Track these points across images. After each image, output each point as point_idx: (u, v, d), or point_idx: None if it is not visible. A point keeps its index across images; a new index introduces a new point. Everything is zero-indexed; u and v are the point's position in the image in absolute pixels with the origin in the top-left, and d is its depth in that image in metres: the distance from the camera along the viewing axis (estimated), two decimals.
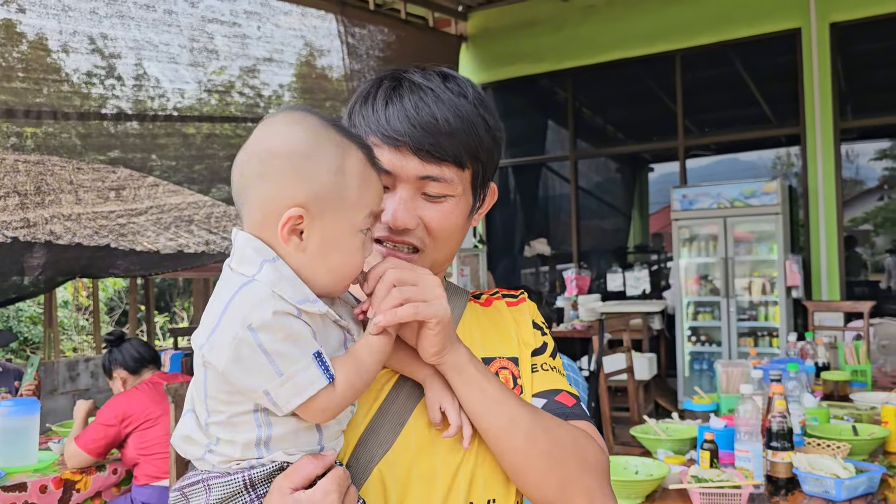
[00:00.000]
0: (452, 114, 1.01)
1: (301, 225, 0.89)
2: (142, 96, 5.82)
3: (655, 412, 7.05)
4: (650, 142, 8.96)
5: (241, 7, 6.34)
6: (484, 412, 0.99)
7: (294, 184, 0.89)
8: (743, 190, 6.81)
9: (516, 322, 1.17)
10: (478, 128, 1.03)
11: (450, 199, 1.03)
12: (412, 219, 1.02)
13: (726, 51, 7.67)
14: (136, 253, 5.47)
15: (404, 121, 1.00)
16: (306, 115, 0.93)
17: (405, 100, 1.02)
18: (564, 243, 8.84)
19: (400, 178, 1.01)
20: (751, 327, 6.97)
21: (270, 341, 0.82)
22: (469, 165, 1.04)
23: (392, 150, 1.01)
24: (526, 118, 9.39)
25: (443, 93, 1.03)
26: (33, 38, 5.12)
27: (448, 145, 1.00)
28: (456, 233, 1.07)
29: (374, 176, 0.93)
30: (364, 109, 1.05)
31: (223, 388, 0.87)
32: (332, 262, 0.91)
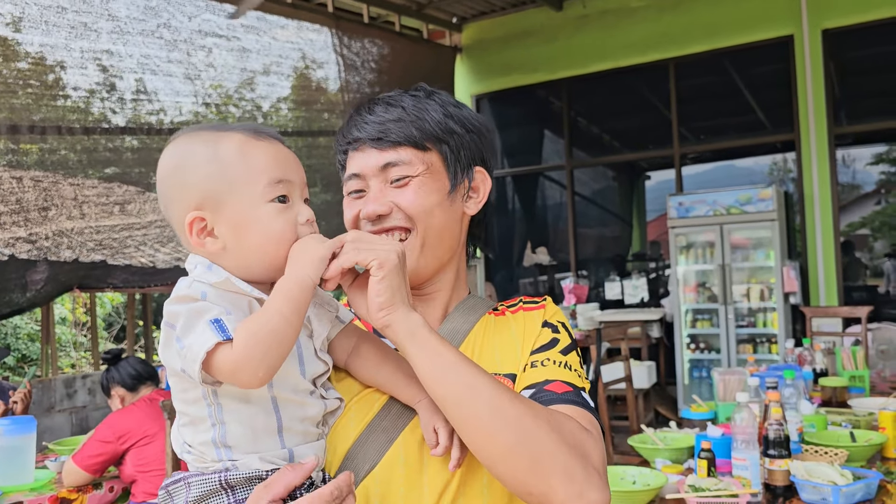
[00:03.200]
0: (402, 105, 1.11)
1: (205, 225, 0.93)
2: (140, 111, 5.84)
3: (655, 420, 7.04)
4: (646, 150, 8.99)
5: (238, 21, 6.37)
6: (439, 377, 0.94)
7: (181, 194, 0.94)
8: (739, 197, 6.82)
9: (524, 328, 1.15)
10: (431, 112, 1.12)
11: (413, 179, 1.09)
12: (382, 205, 1.08)
13: (720, 59, 7.70)
14: (132, 267, 5.47)
15: (360, 125, 1.12)
16: (182, 133, 0.97)
17: (362, 112, 1.13)
18: (562, 252, 8.84)
19: (367, 175, 1.10)
20: (749, 334, 6.97)
21: (179, 325, 0.86)
22: (430, 147, 1.11)
23: (356, 153, 1.12)
24: (522, 128, 9.41)
25: (398, 96, 1.14)
26: (33, 54, 5.14)
27: (397, 129, 1.09)
28: (434, 210, 1.10)
29: (261, 146, 0.95)
30: (337, 139, 1.17)
31: (176, 385, 0.92)
32: (252, 241, 0.93)
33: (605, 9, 8.00)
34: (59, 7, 5.11)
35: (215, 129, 0.96)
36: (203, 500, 0.90)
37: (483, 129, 1.18)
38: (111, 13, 5.41)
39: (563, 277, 8.42)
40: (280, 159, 0.95)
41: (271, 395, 0.92)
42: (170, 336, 0.87)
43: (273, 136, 0.97)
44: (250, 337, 0.84)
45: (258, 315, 0.87)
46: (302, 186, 0.97)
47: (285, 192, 0.94)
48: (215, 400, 0.90)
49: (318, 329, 0.99)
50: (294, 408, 0.94)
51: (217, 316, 0.85)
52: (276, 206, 0.93)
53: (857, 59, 7.59)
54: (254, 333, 0.84)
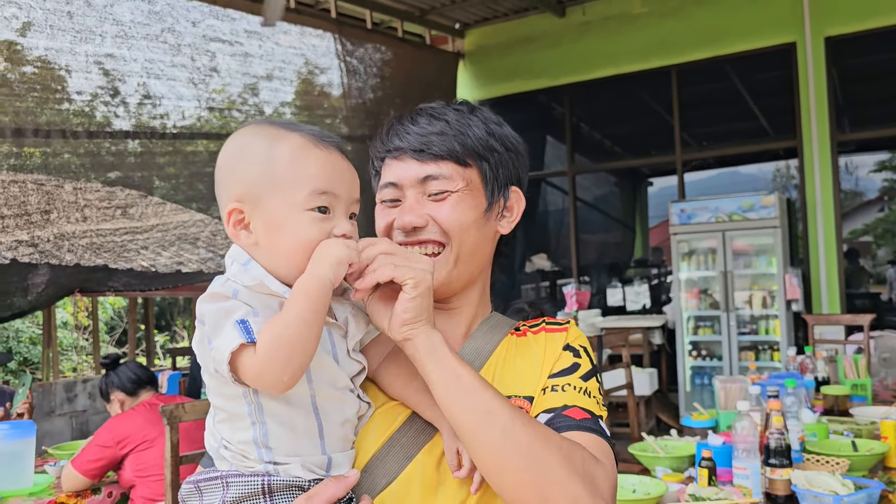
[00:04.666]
0: (446, 119, 1.11)
1: (243, 218, 0.95)
2: (144, 115, 5.86)
3: (657, 427, 7.02)
4: (648, 156, 8.99)
5: (242, 26, 6.39)
6: (456, 399, 0.94)
7: (230, 184, 0.95)
8: (741, 203, 6.81)
9: (545, 350, 1.13)
10: (474, 128, 1.11)
11: (452, 194, 1.09)
12: (419, 217, 1.07)
13: (722, 65, 7.70)
14: (133, 271, 5.47)
15: (402, 134, 1.11)
16: (252, 124, 0.99)
17: (405, 122, 1.13)
18: (564, 258, 8.83)
19: (405, 185, 1.10)
20: (752, 341, 6.95)
21: (208, 323, 0.88)
22: (471, 163, 1.11)
23: (395, 162, 1.11)
24: (524, 134, 8.97)
25: (442, 109, 1.13)
26: (38, 57, 5.16)
27: (440, 142, 1.08)
28: (471, 227, 1.10)
29: (317, 153, 0.95)
30: (375, 144, 1.16)
31: (212, 381, 0.92)
32: (282, 244, 0.94)
33: (608, 15, 8.01)
34: (64, 12, 5.13)
35: (283, 127, 0.97)
36: (241, 501, 0.90)
37: (521, 148, 1.19)
38: (115, 18, 5.43)
39: (564, 283, 8.41)
40: (331, 171, 0.95)
41: (311, 394, 0.93)
42: (202, 334, 0.89)
43: (335, 145, 0.98)
44: (273, 341, 0.85)
45: (279, 318, 0.87)
46: (349, 202, 0.97)
47: (327, 204, 0.95)
48: (255, 398, 0.90)
49: (354, 331, 1.00)
50: (333, 407, 0.95)
51: (243, 317, 0.86)
52: (313, 215, 0.94)
53: (860, 67, 7.58)
54: (276, 337, 0.85)
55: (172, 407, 2.55)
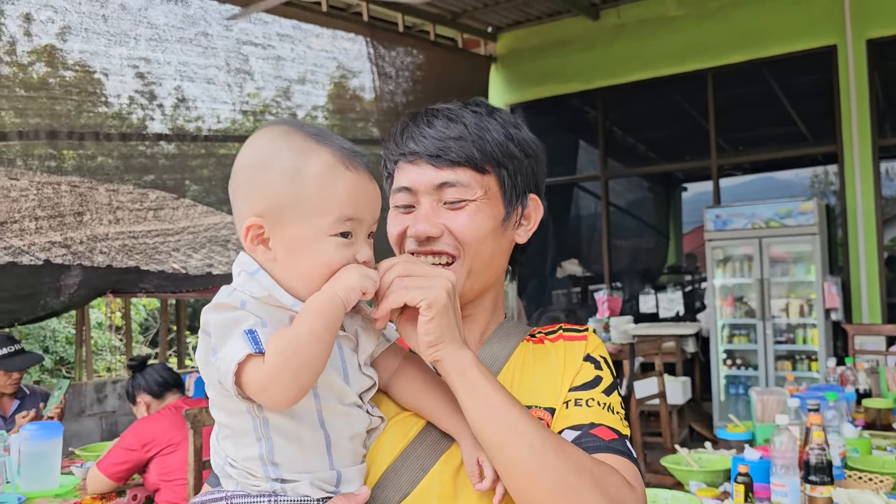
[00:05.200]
0: (463, 122, 1.05)
1: (263, 233, 0.90)
2: (179, 119, 5.91)
3: (690, 438, 6.88)
4: (683, 161, 8.84)
5: (274, 30, 6.42)
6: (487, 420, 0.92)
7: (251, 194, 0.91)
8: (778, 210, 6.65)
9: (565, 360, 1.10)
10: (493, 132, 1.06)
11: (470, 203, 1.05)
12: (434, 226, 1.03)
13: (759, 68, 7.54)
14: (165, 273, 5.51)
15: (418, 137, 1.06)
16: (278, 125, 0.94)
17: (420, 124, 1.07)
18: (596, 264, 8.72)
19: (419, 191, 1.05)
20: (788, 350, 6.78)
21: (214, 334, 0.84)
22: (489, 170, 1.06)
23: (410, 166, 1.06)
24: (556, 138, 9.32)
25: (459, 110, 1.08)
26: (77, 62, 5.23)
27: (458, 148, 1.03)
28: (487, 238, 1.06)
29: (347, 177, 0.91)
30: (388, 145, 1.11)
31: (216, 395, 0.89)
32: (302, 268, 0.90)
33: (643, 18, 7.90)
34: (99, 15, 5.17)
35: (311, 138, 0.92)
36: None
37: (540, 152, 1.14)
38: (150, 21, 5.47)
39: (596, 289, 8.29)
40: (359, 195, 0.92)
41: (318, 408, 0.89)
42: (206, 345, 0.85)
43: (363, 164, 0.94)
44: (282, 352, 0.82)
45: (290, 330, 0.84)
46: (371, 224, 0.95)
47: (351, 230, 0.91)
48: (260, 413, 0.87)
49: (364, 345, 0.97)
50: (341, 422, 0.91)
51: (252, 327, 0.83)
52: (337, 240, 0.90)
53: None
54: (284, 348, 0.82)
55: (196, 411, 2.53)
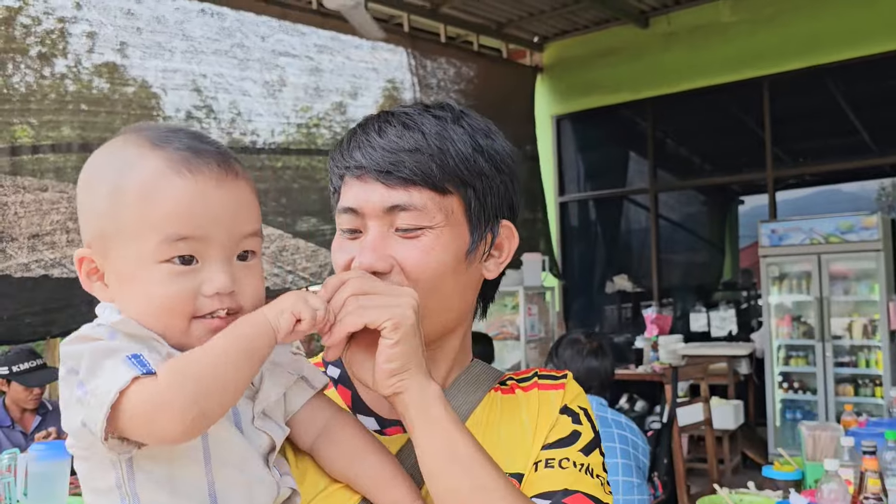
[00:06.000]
0: (422, 130, 0.86)
1: (95, 266, 0.75)
2: (235, 133, 5.93)
3: (743, 464, 6.53)
4: (737, 173, 8.48)
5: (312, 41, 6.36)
6: (446, 468, 0.76)
7: (81, 221, 0.76)
8: (839, 224, 6.28)
9: (538, 413, 0.92)
10: (457, 143, 0.87)
11: (427, 231, 0.86)
12: (381, 260, 0.85)
13: (820, 75, 7.18)
14: None
15: (366, 147, 0.87)
16: (122, 132, 0.76)
17: (370, 131, 0.88)
18: (646, 279, 8.42)
19: (367, 214, 0.86)
20: (850, 374, 6.38)
21: (84, 366, 0.67)
22: (452, 190, 0.87)
23: (357, 182, 0.87)
24: (604, 150, 9.07)
25: (417, 115, 0.88)
26: (134, 78, 5.31)
27: (413, 163, 0.85)
28: (446, 276, 0.87)
29: (177, 185, 0.72)
30: (333, 155, 0.92)
31: (82, 467, 0.73)
32: (136, 308, 0.72)
33: (695, 25, 7.61)
34: (151, 30, 5.20)
35: (150, 142, 0.74)
36: None
37: (515, 168, 0.95)
38: (185, 33, 5.46)
39: (646, 305, 7.99)
40: (200, 206, 0.72)
41: (207, 477, 0.71)
42: (71, 382, 0.68)
43: (217, 162, 0.74)
44: (179, 371, 0.65)
45: (195, 350, 0.68)
46: (233, 241, 0.74)
47: (191, 252, 0.72)
48: (131, 489, 0.69)
49: (267, 391, 0.78)
50: (238, 494, 0.73)
51: (137, 351, 0.67)
52: (169, 268, 0.72)
53: None
54: (183, 367, 0.66)
55: None
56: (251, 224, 0.76)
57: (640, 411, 6.81)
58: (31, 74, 4.93)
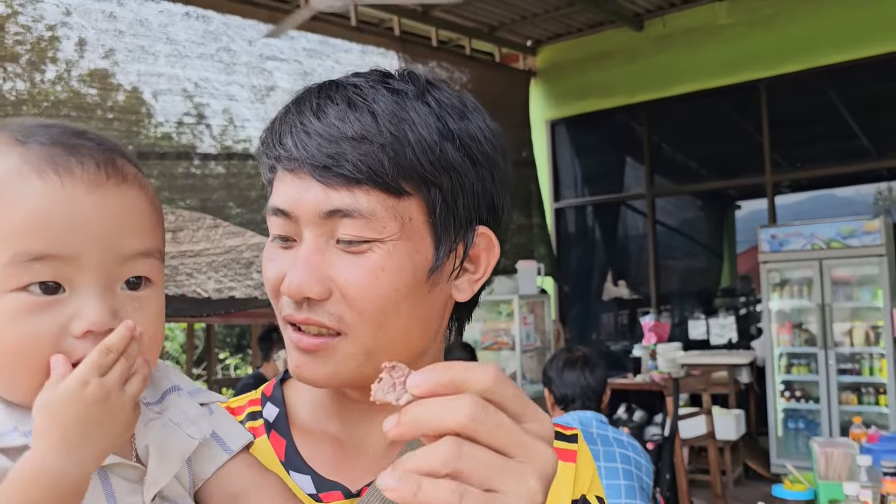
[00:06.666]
0: (371, 110, 0.66)
1: None
2: (227, 141, 5.80)
3: (745, 475, 6.37)
4: (735, 178, 8.36)
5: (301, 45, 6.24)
6: None
7: None
8: (841, 229, 6.15)
9: None
10: (418, 127, 0.66)
11: (376, 246, 0.66)
12: (316, 281, 0.65)
13: (817, 78, 7.06)
14: (185, 298, 5.30)
15: (298, 133, 0.67)
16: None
17: (305, 110, 0.68)
18: (643, 286, 8.28)
19: (301, 218, 0.67)
20: (853, 382, 6.24)
21: None
22: (410, 191, 0.67)
23: (290, 177, 0.67)
24: (600, 155, 8.95)
25: (368, 90, 0.68)
26: (123, 85, 5.20)
27: (358, 156, 0.65)
28: (401, 304, 0.67)
29: (36, 188, 0.55)
30: (263, 140, 0.72)
31: None
32: None
33: (690, 27, 7.49)
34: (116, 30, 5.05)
35: (14, 136, 0.57)
36: None
37: (498, 159, 0.73)
38: (169, 37, 5.33)
39: (644, 312, 7.84)
40: (61, 215, 0.55)
41: None
42: None
43: (98, 163, 0.57)
44: None
45: None
46: (116, 261, 0.57)
47: (55, 277, 0.55)
48: None
49: (155, 471, 0.59)
50: None
51: None
52: (24, 298, 0.54)
53: None
54: None
55: None
56: (141, 241, 0.58)
57: (638, 421, 6.65)
58: (22, 83, 4.82)
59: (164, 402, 0.63)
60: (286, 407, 0.78)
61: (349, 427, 0.75)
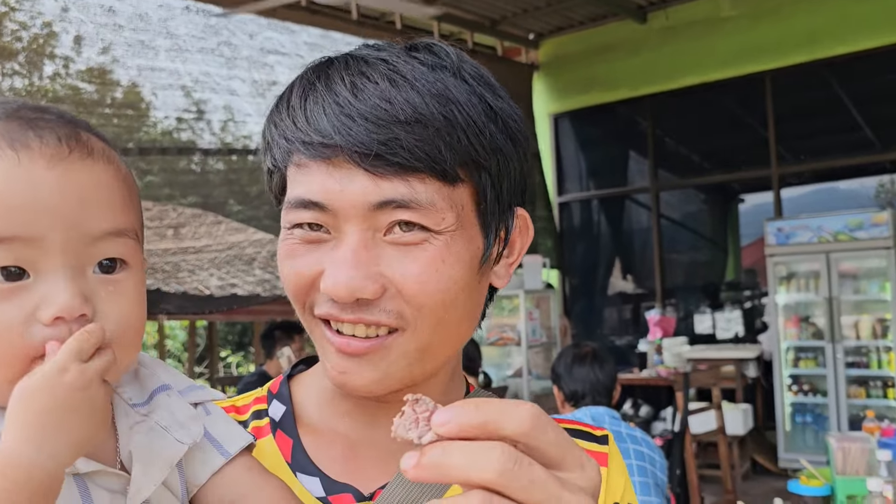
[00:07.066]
0: (419, 91, 0.60)
1: None
2: (228, 137, 5.76)
3: (753, 470, 6.33)
4: (740, 170, 8.30)
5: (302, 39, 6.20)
6: None
7: None
8: (848, 222, 6.10)
9: None
10: (465, 109, 0.62)
11: (433, 237, 0.61)
12: (369, 280, 0.60)
13: (822, 70, 7.01)
14: (187, 296, 5.26)
15: (334, 113, 0.60)
16: None
17: (337, 86, 0.61)
18: (648, 280, 8.23)
19: (341, 213, 0.60)
20: (861, 375, 6.19)
21: None
22: (465, 177, 0.62)
23: (322, 165, 0.60)
24: (604, 149, 8.89)
25: (403, 65, 0.62)
26: (121, 81, 5.17)
27: (414, 140, 0.59)
28: (459, 297, 0.63)
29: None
30: (274, 118, 0.65)
31: None
32: None
33: (693, 19, 7.43)
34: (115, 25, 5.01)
35: None
36: None
37: (528, 136, 0.71)
38: (169, 31, 5.28)
39: (648, 307, 7.80)
40: (19, 193, 0.51)
41: None
42: None
43: (59, 138, 0.53)
44: None
45: None
46: (83, 242, 0.53)
47: (17, 262, 0.51)
48: None
49: (147, 477, 0.55)
50: None
51: None
52: None
53: None
54: None
55: None
56: (111, 219, 0.54)
57: (644, 417, 6.62)
58: (21, 80, 4.78)
59: (152, 402, 0.59)
60: (293, 405, 0.74)
61: (360, 425, 0.71)
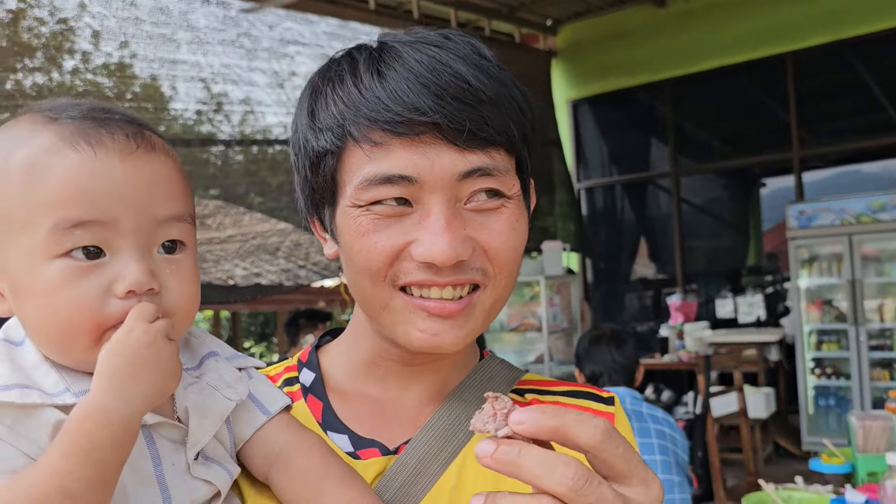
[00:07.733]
0: (486, 73, 0.67)
1: None
2: (247, 130, 5.82)
3: (775, 453, 6.33)
4: (761, 154, 8.24)
5: (321, 29, 6.23)
6: None
7: None
8: (871, 203, 6.05)
9: None
10: (512, 90, 0.70)
11: (507, 202, 0.70)
12: (465, 245, 0.67)
13: (844, 51, 6.93)
14: (212, 285, 5.33)
15: (419, 89, 0.64)
16: (27, 110, 0.62)
17: (407, 60, 0.66)
18: (669, 265, 8.21)
19: (428, 185, 0.66)
20: (885, 358, 6.15)
21: None
22: (519, 150, 0.72)
23: (406, 141, 0.65)
24: (623, 134, 8.86)
25: (465, 50, 0.68)
26: (141, 74, 5.23)
27: (497, 118, 0.67)
28: (521, 254, 0.74)
29: (71, 159, 0.58)
30: (340, 92, 0.68)
31: None
32: (31, 317, 0.59)
33: (713, 2, 7.38)
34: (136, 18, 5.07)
35: (45, 116, 0.60)
36: None
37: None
38: (190, 24, 5.33)
39: (669, 292, 7.79)
40: (93, 182, 0.58)
41: None
42: None
43: (125, 133, 0.60)
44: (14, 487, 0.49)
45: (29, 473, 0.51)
46: (150, 226, 0.60)
47: (95, 242, 0.58)
48: None
49: (196, 432, 0.63)
50: None
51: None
52: (68, 264, 0.57)
53: None
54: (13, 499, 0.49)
55: None
56: (173, 206, 0.62)
57: (666, 401, 6.62)
58: (41, 76, 4.85)
59: (203, 366, 0.67)
60: (322, 372, 0.81)
61: (387, 387, 0.78)
